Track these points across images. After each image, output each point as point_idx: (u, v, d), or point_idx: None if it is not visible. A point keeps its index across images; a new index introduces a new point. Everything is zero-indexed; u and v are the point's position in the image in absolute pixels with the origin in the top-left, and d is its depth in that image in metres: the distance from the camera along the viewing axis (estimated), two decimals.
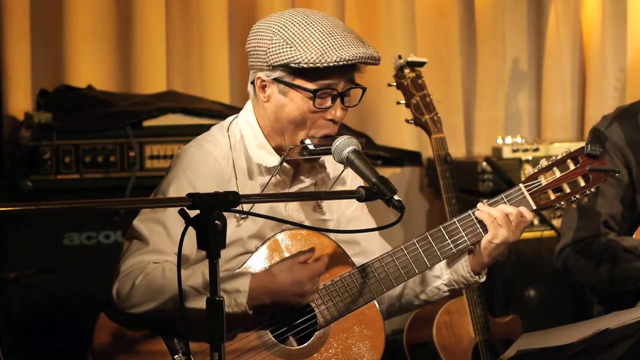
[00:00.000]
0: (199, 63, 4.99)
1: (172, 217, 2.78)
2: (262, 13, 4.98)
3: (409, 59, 3.94)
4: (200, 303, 2.54)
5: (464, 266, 2.95)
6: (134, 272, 2.77)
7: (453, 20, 5.42)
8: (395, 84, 3.96)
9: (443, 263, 2.98)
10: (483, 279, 2.98)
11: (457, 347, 4.12)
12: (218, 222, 2.29)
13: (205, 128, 3.04)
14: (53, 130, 4.28)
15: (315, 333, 2.88)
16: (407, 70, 3.94)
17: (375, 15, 5.26)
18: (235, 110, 4.49)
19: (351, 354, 2.88)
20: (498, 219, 2.85)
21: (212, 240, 2.29)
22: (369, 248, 3.01)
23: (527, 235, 5.00)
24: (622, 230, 3.58)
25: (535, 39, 5.69)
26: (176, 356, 2.77)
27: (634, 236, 3.52)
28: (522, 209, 2.88)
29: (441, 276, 2.99)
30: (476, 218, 2.89)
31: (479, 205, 2.89)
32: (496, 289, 4.70)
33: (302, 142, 2.84)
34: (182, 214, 2.32)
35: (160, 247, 2.80)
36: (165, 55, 4.91)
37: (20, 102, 4.69)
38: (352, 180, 3.03)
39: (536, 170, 2.94)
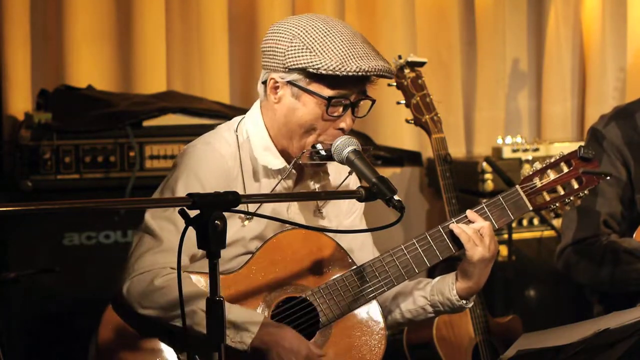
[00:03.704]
0: (199, 63, 4.98)
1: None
2: (262, 13, 4.98)
3: (409, 59, 3.94)
4: None
5: (450, 288, 2.97)
6: (150, 274, 2.76)
7: (453, 20, 5.42)
8: (395, 84, 3.95)
9: (432, 284, 3.00)
10: (470, 305, 3.01)
11: (457, 347, 4.12)
12: (218, 222, 2.29)
13: (205, 128, 3.03)
14: (53, 130, 4.27)
15: (318, 331, 2.88)
16: (407, 70, 3.93)
17: (375, 15, 5.26)
18: (235, 110, 4.51)
19: (353, 353, 2.89)
20: (473, 238, 2.88)
21: (212, 240, 2.29)
22: (363, 258, 2.99)
23: (527, 235, 5.01)
24: (622, 230, 3.58)
25: (535, 39, 5.70)
26: (181, 356, 2.78)
27: (634, 236, 3.52)
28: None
29: (427, 296, 3.01)
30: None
31: (452, 225, 2.91)
32: (496, 289, 4.70)
33: (314, 146, 2.85)
34: (182, 214, 2.32)
35: (173, 247, 2.78)
36: (165, 55, 4.91)
37: (20, 102, 4.69)
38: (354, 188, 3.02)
39: (531, 172, 3.00)
